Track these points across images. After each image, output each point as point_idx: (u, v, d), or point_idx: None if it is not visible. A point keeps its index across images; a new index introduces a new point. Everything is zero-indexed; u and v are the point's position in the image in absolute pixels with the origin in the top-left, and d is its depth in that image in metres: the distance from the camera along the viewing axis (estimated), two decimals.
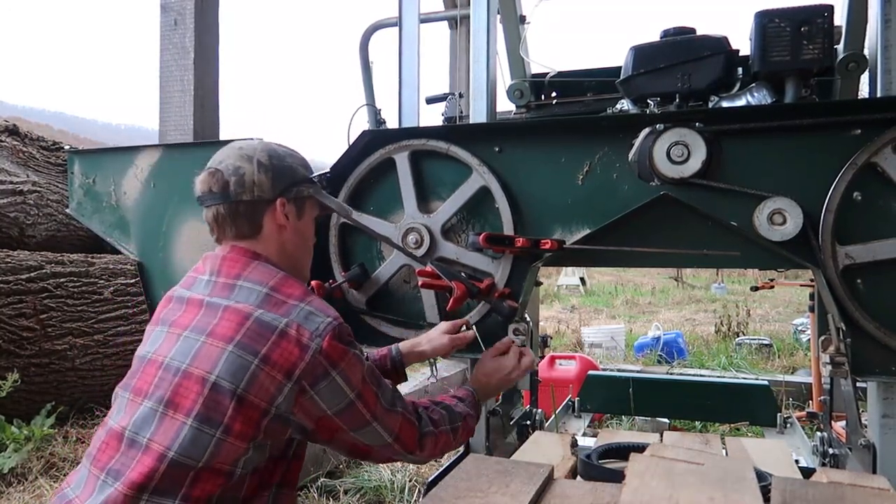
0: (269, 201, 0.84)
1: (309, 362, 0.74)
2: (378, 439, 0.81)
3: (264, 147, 0.86)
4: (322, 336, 0.75)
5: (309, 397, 0.75)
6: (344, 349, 0.76)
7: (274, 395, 0.73)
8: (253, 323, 0.75)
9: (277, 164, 0.85)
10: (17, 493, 1.89)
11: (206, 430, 0.72)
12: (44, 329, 2.44)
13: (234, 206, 0.83)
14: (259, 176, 0.83)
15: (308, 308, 0.77)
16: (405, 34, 1.31)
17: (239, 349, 0.73)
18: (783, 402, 2.75)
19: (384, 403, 0.81)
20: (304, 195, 0.87)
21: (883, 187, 1.01)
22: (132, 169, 1.40)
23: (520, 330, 1.12)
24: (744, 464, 0.64)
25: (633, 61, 1.21)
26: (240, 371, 0.73)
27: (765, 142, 1.05)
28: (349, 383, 0.76)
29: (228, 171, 0.83)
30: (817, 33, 1.08)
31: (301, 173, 0.88)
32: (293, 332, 0.74)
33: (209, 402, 0.73)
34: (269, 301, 0.77)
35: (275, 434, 0.75)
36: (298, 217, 0.87)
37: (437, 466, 2.16)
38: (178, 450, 0.72)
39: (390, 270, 1.24)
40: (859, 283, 1.02)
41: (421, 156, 1.22)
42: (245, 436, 0.73)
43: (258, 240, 0.85)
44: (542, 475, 0.69)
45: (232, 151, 0.85)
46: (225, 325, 0.76)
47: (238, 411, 0.72)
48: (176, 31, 1.42)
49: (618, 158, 1.12)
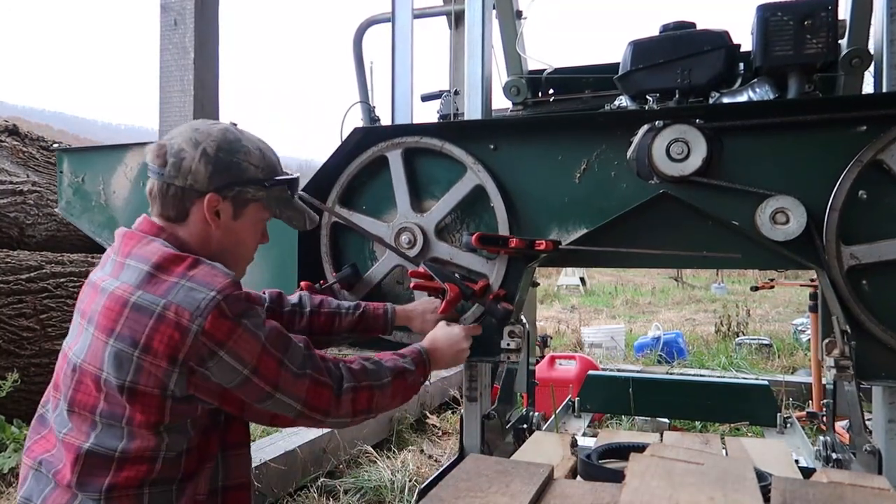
0: (200, 193, 0.79)
1: (191, 346, 0.70)
2: (287, 408, 0.77)
3: (221, 135, 0.81)
4: (203, 315, 0.70)
5: (200, 375, 0.71)
6: (231, 325, 0.71)
7: (163, 381, 0.71)
8: (130, 310, 0.71)
9: (223, 159, 0.80)
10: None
11: (115, 423, 0.72)
12: (44, 329, 2.44)
13: (165, 187, 0.79)
14: (197, 165, 0.78)
15: (188, 284, 0.72)
16: (398, 30, 1.30)
17: (118, 342, 0.71)
18: (783, 402, 2.74)
19: (290, 368, 0.76)
20: (246, 197, 0.82)
21: (889, 185, 0.99)
22: (121, 167, 1.39)
23: (515, 332, 1.10)
24: (744, 464, 0.63)
25: (631, 57, 1.19)
26: (123, 364, 0.71)
27: (767, 139, 1.03)
28: (240, 360, 0.72)
29: (172, 149, 0.79)
30: (821, 27, 1.06)
31: (251, 174, 0.82)
32: (171, 315, 0.70)
33: (108, 398, 0.73)
34: (150, 281, 0.73)
35: (185, 414, 0.73)
36: (234, 217, 0.82)
37: (437, 466, 2.16)
38: (93, 441, 0.72)
39: (383, 271, 1.23)
40: (864, 285, 1.00)
41: (414, 153, 1.20)
42: (149, 424, 0.72)
43: (180, 225, 0.81)
44: (542, 475, 0.68)
45: (187, 130, 0.81)
46: (107, 315, 0.73)
47: (133, 402, 0.71)
48: (176, 31, 1.41)
49: (616, 156, 1.10)
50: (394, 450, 2.35)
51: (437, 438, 2.61)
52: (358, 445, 2.28)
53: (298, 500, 1.92)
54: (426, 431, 2.69)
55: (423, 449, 2.41)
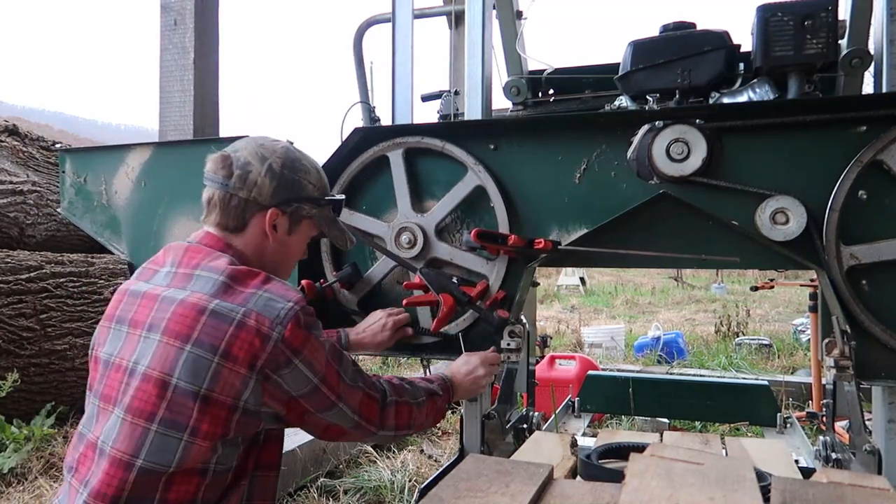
0: (263, 207, 0.83)
1: (271, 353, 0.72)
2: (345, 419, 0.80)
3: (284, 153, 0.85)
4: (283, 324, 0.73)
5: (273, 382, 0.73)
6: (306, 335, 0.75)
7: (240, 389, 0.71)
8: (208, 317, 0.72)
9: (287, 175, 0.84)
10: (17, 493, 1.89)
11: (173, 434, 0.71)
12: (44, 329, 2.44)
13: (227, 197, 0.82)
14: (263, 179, 0.82)
15: (266, 294, 0.75)
16: (399, 30, 1.30)
17: (196, 347, 0.71)
18: (783, 402, 2.74)
19: (346, 380, 0.80)
20: (301, 214, 0.86)
21: (889, 185, 0.99)
22: (123, 167, 1.39)
23: (516, 332, 1.10)
24: (744, 464, 0.63)
25: (631, 57, 1.19)
26: (201, 370, 0.71)
27: (767, 139, 1.03)
28: (312, 368, 0.75)
29: (238, 162, 0.82)
30: (821, 27, 1.06)
31: (308, 192, 0.86)
32: (252, 323, 0.72)
33: (172, 406, 0.71)
34: (226, 290, 0.74)
35: (247, 428, 0.74)
36: (289, 232, 0.86)
37: (437, 466, 2.16)
38: (145, 457, 0.70)
39: (383, 271, 1.23)
40: (864, 285, 1.00)
41: (415, 153, 1.20)
42: (213, 435, 0.71)
43: (237, 235, 0.83)
44: (542, 475, 0.68)
45: (252, 145, 0.85)
46: (180, 322, 0.73)
47: (204, 412, 0.71)
48: (176, 31, 1.41)
49: (616, 156, 1.10)
50: (394, 450, 2.35)
51: (437, 438, 2.61)
52: (358, 445, 2.28)
53: (298, 500, 1.92)
54: (426, 431, 2.69)
55: (423, 449, 2.41)
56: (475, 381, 1.03)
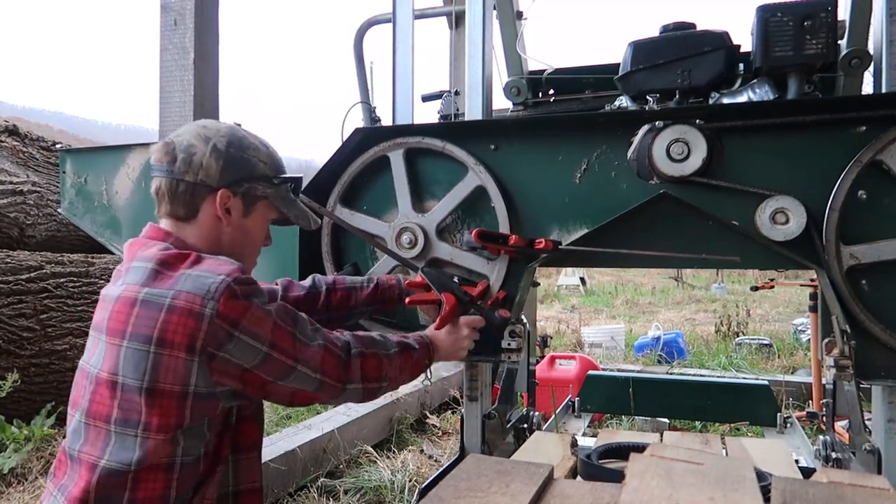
0: (212, 189, 0.78)
1: (208, 330, 0.68)
2: (307, 381, 0.75)
3: (229, 132, 0.80)
4: (216, 298, 0.68)
5: (220, 360, 0.70)
6: (243, 305, 0.70)
7: (185, 375, 0.69)
8: (139, 308, 0.70)
9: (234, 154, 0.79)
10: (17, 493, 1.89)
11: (128, 432, 0.70)
12: (44, 329, 2.44)
13: (174, 184, 0.78)
14: (208, 160, 0.77)
15: (195, 272, 0.71)
16: (399, 30, 1.30)
17: (132, 341, 0.69)
18: (783, 402, 2.74)
19: (302, 340, 0.75)
20: (255, 193, 0.81)
21: (889, 185, 0.99)
22: (123, 168, 1.39)
23: (516, 332, 1.10)
24: (744, 464, 0.63)
25: (631, 57, 1.19)
26: (140, 363, 0.69)
27: (767, 139, 1.03)
28: (258, 337, 0.71)
29: (181, 146, 0.78)
30: (820, 28, 1.06)
31: (260, 170, 0.81)
32: (181, 304, 0.68)
33: (122, 404, 0.70)
34: (155, 277, 0.71)
35: (203, 412, 0.71)
36: (244, 214, 0.81)
37: (437, 466, 2.16)
38: (108, 458, 0.70)
39: (383, 270, 1.23)
40: (864, 285, 1.00)
41: (416, 154, 1.20)
42: (167, 427, 0.69)
43: (190, 224, 0.79)
44: (542, 475, 0.68)
45: (194, 128, 0.80)
46: (116, 318, 0.71)
47: (151, 405, 0.69)
48: (176, 31, 1.41)
49: (616, 156, 1.10)
50: (394, 450, 2.35)
51: (437, 438, 2.61)
52: (358, 445, 2.28)
53: (298, 500, 1.92)
54: (426, 431, 2.69)
55: (423, 449, 2.41)
56: (456, 343, 0.98)
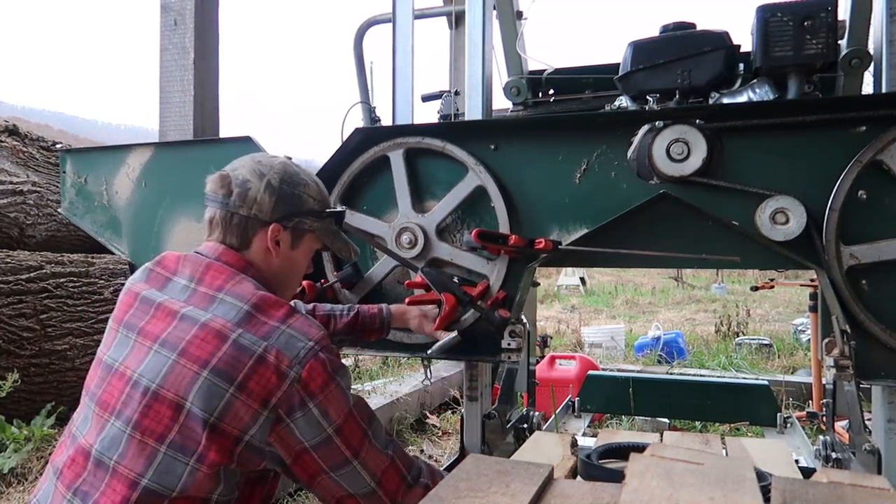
0: (264, 223, 0.83)
1: (286, 391, 0.71)
2: (359, 483, 0.75)
3: (282, 168, 0.85)
4: (302, 364, 0.71)
5: (285, 426, 0.71)
6: (325, 379, 0.73)
7: (248, 423, 0.70)
8: (230, 347, 0.72)
9: (286, 190, 0.84)
10: (17, 493, 1.88)
11: (180, 458, 0.70)
12: (44, 329, 2.44)
13: (229, 216, 0.83)
14: (262, 195, 0.82)
15: (289, 331, 0.74)
16: (399, 30, 1.30)
17: (214, 375, 0.70)
18: (783, 402, 2.74)
19: (373, 443, 0.77)
20: (303, 227, 0.86)
21: (889, 185, 0.99)
22: (124, 168, 1.39)
23: (516, 332, 1.10)
24: (744, 464, 0.63)
25: (631, 57, 1.19)
26: (214, 398, 0.70)
27: (767, 139, 1.03)
28: (327, 416, 0.73)
29: (237, 180, 0.83)
30: (820, 28, 1.06)
31: (309, 206, 0.86)
32: (272, 359, 0.71)
33: (183, 430, 0.70)
34: (250, 321, 0.74)
35: (248, 463, 0.73)
36: (292, 247, 0.86)
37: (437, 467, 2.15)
38: (151, 477, 0.70)
39: (383, 270, 1.23)
40: (864, 285, 1.00)
41: (416, 154, 1.20)
42: (218, 464, 0.70)
43: (242, 253, 0.84)
44: (542, 475, 0.67)
45: (250, 162, 0.85)
46: (200, 346, 0.72)
47: (211, 440, 0.70)
48: (176, 31, 1.41)
49: (616, 156, 1.10)
50: None
51: (437, 438, 2.61)
52: None
53: (299, 500, 1.92)
54: (426, 431, 2.69)
55: (423, 449, 2.41)
56: None
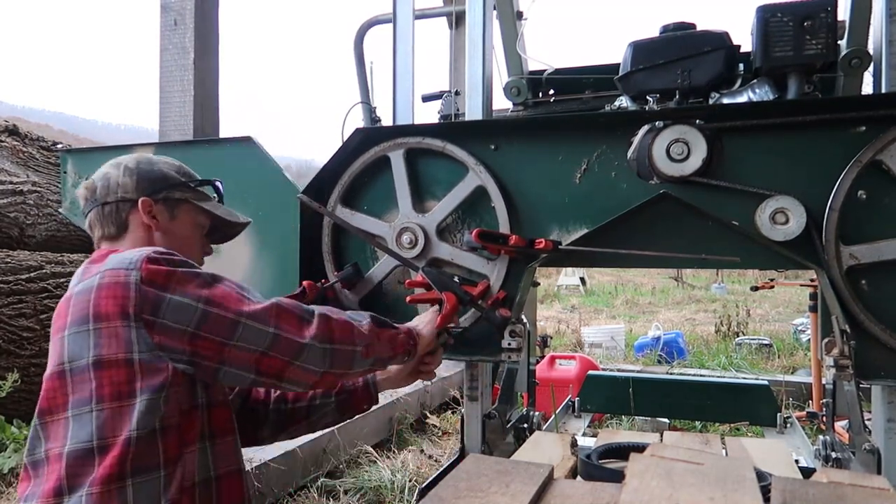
0: (132, 201, 0.86)
1: (136, 296, 0.71)
2: (260, 336, 0.73)
3: (136, 156, 0.91)
4: (137, 266, 0.72)
5: (159, 325, 0.72)
6: (167, 270, 0.73)
7: (126, 341, 0.71)
8: (73, 299, 0.75)
9: (144, 168, 0.89)
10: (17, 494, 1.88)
11: (84, 410, 0.72)
12: (44, 329, 2.44)
13: (100, 209, 0.87)
14: (123, 179, 0.87)
15: (118, 256, 0.76)
16: (399, 30, 1.30)
17: (71, 327, 0.74)
18: (783, 402, 2.74)
19: (248, 297, 0.76)
20: (175, 198, 0.89)
21: (888, 185, 0.99)
22: None
23: (516, 331, 1.10)
24: (744, 464, 0.63)
25: (631, 57, 1.19)
26: (82, 342, 0.73)
27: (767, 139, 1.04)
28: (189, 294, 0.72)
29: (98, 178, 0.89)
30: (820, 28, 1.06)
31: (173, 178, 0.90)
32: (107, 280, 0.73)
33: (74, 388, 0.73)
34: (85, 272, 0.79)
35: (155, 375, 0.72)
36: (171, 218, 0.89)
37: (437, 466, 2.16)
38: (70, 442, 0.72)
39: (384, 270, 1.23)
40: (864, 284, 1.00)
41: (416, 154, 1.21)
42: (119, 395, 0.71)
43: (123, 239, 0.87)
44: (542, 475, 0.67)
45: (107, 163, 0.91)
46: (56, 319, 0.77)
47: (101, 377, 0.71)
48: (176, 31, 1.42)
49: (616, 156, 1.10)
50: (394, 450, 2.35)
51: (437, 438, 2.61)
52: (358, 445, 2.28)
53: (298, 500, 1.92)
54: (426, 431, 2.69)
55: (423, 449, 2.41)
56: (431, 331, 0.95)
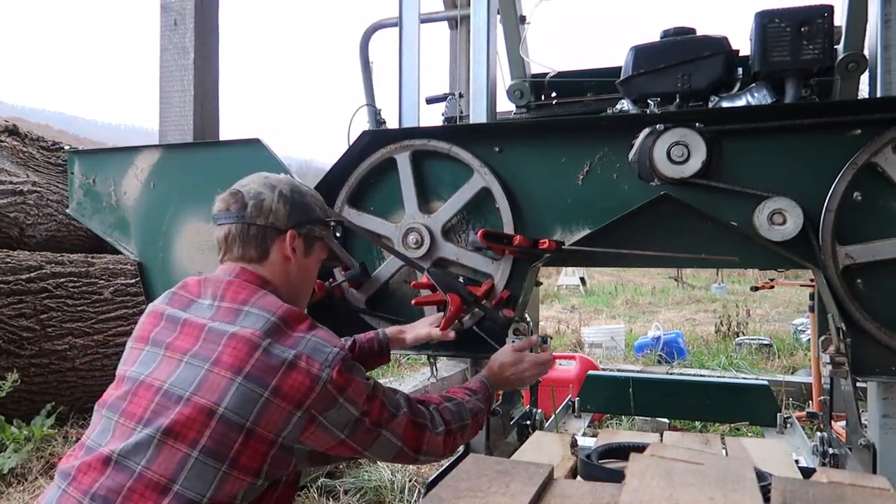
0: (281, 231, 0.86)
1: (320, 392, 0.75)
2: (389, 448, 0.82)
3: (289, 181, 0.90)
4: (332, 366, 0.76)
5: (318, 423, 0.75)
6: (350, 377, 0.78)
7: (281, 426, 0.73)
8: (261, 354, 0.74)
9: (297, 199, 0.88)
10: (17, 494, 1.89)
11: (212, 463, 0.71)
12: (44, 329, 2.44)
13: (246, 228, 0.85)
14: (277, 205, 0.86)
15: (315, 339, 0.78)
16: (405, 34, 1.31)
17: (248, 381, 0.73)
18: (783, 402, 2.75)
19: (390, 409, 0.82)
20: (315, 235, 0.90)
21: (883, 187, 1.01)
22: (132, 169, 1.41)
23: (520, 330, 1.12)
24: (744, 464, 0.64)
25: (633, 61, 1.21)
26: (249, 403, 0.72)
27: (765, 142, 1.05)
28: (355, 405, 0.78)
29: (249, 194, 0.86)
30: (817, 33, 1.08)
31: (317, 214, 0.91)
32: (303, 364, 0.75)
33: (216, 435, 0.72)
34: (277, 331, 0.77)
35: (279, 465, 0.75)
36: (305, 254, 0.89)
37: (437, 466, 2.17)
38: (183, 483, 0.70)
39: (390, 270, 1.25)
40: (859, 283, 1.02)
41: (422, 156, 1.22)
42: (250, 469, 0.72)
43: (262, 265, 0.86)
44: (542, 475, 0.68)
45: (258, 178, 0.89)
46: (232, 354, 0.75)
47: (245, 445, 0.72)
48: (176, 31, 1.42)
49: (618, 158, 1.12)
50: None
51: None
52: None
53: (298, 500, 1.93)
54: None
55: None
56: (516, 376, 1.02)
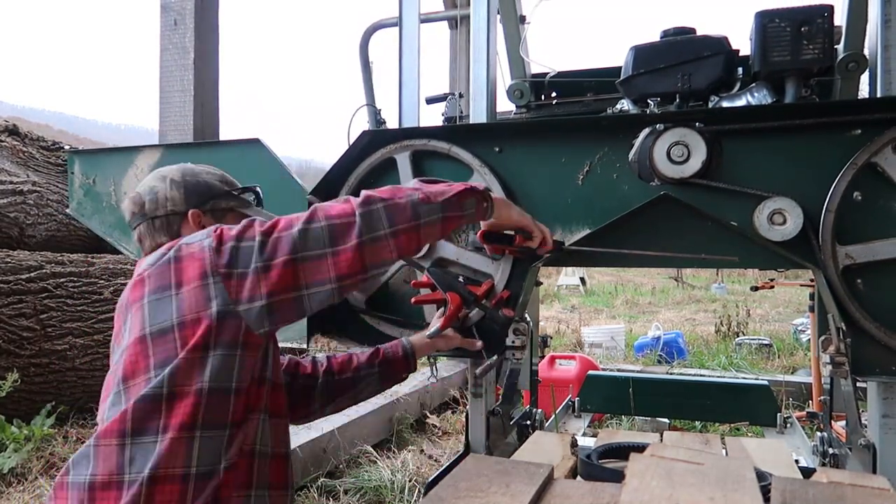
0: (182, 214, 0.89)
1: (212, 257, 0.75)
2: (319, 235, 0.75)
3: (180, 168, 0.93)
4: (208, 235, 0.78)
5: (235, 275, 0.74)
6: (228, 228, 0.78)
7: (204, 298, 0.74)
8: (151, 272, 0.78)
9: (190, 180, 0.91)
10: (17, 493, 1.89)
11: (169, 362, 0.74)
12: (44, 329, 2.44)
13: (151, 223, 0.89)
14: (171, 192, 0.89)
15: (186, 239, 0.80)
16: (405, 34, 1.31)
17: (152, 294, 0.77)
18: (783, 402, 2.75)
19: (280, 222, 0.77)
20: (221, 207, 0.92)
21: (883, 187, 1.01)
22: (132, 169, 1.41)
23: (520, 329, 1.12)
24: (744, 464, 0.64)
25: (633, 61, 1.21)
26: (165, 308, 0.75)
27: (765, 142, 1.05)
28: (249, 237, 0.76)
29: (144, 192, 0.91)
30: (817, 33, 1.08)
31: (218, 188, 0.93)
32: (184, 250, 0.78)
33: (156, 350, 0.74)
34: (159, 253, 0.81)
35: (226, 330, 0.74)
36: None
37: (437, 466, 2.16)
38: (145, 391, 0.73)
39: (390, 270, 1.24)
40: (859, 283, 1.02)
41: (422, 156, 1.22)
42: (196, 347, 0.73)
43: None
44: (542, 475, 0.68)
45: (151, 175, 0.93)
46: (132, 295, 0.80)
47: (182, 332, 0.74)
48: (176, 31, 1.42)
49: (618, 158, 1.12)
50: (394, 450, 2.36)
51: (437, 438, 2.62)
52: (358, 445, 2.29)
53: (298, 500, 1.93)
54: (426, 431, 2.69)
55: (423, 449, 2.41)
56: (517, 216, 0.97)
